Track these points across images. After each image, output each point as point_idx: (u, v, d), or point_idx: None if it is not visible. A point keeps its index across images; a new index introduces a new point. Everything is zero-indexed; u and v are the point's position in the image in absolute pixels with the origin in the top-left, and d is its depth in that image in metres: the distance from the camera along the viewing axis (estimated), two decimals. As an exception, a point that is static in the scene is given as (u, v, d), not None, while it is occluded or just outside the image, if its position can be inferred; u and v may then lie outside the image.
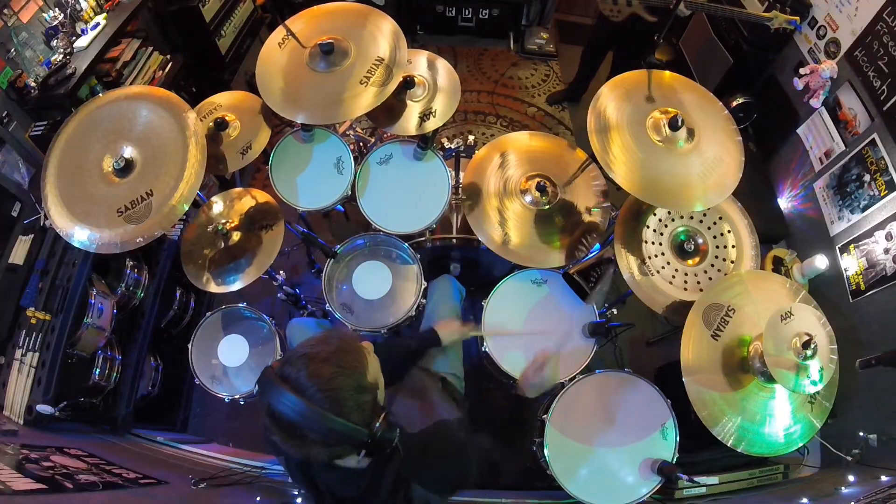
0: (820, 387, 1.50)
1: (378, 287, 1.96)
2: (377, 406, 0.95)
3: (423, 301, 1.96)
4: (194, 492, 1.69)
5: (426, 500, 1.09)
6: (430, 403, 1.44)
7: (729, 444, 1.50)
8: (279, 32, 1.92)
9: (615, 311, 1.96)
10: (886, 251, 2.09)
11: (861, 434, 1.86)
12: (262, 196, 2.01)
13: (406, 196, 2.04)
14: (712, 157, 1.68)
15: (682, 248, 1.78)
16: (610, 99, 1.72)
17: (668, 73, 1.82)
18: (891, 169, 2.13)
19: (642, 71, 1.79)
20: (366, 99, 1.78)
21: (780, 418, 1.56)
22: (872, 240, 2.17)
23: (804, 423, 1.57)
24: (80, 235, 1.63)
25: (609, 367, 1.89)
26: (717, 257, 1.81)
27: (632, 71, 1.79)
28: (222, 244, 1.91)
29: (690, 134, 1.69)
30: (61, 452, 1.63)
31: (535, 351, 1.49)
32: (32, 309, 1.84)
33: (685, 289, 1.76)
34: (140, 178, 1.68)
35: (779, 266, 2.57)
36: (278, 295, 2.23)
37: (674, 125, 1.65)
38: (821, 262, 2.36)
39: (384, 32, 1.89)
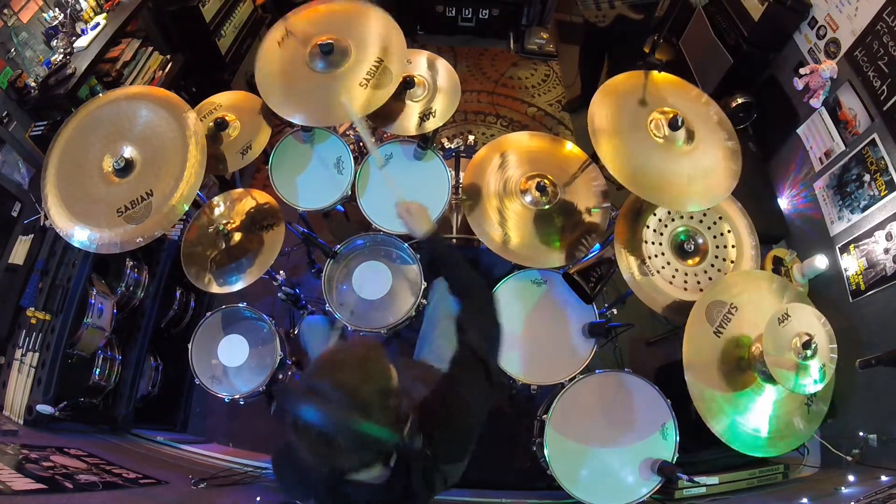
0: (820, 386, 1.50)
1: (378, 287, 1.96)
2: (402, 412, 0.94)
3: (424, 301, 1.95)
4: (194, 492, 1.69)
5: (444, 476, 1.09)
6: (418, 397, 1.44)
7: (728, 443, 1.50)
8: (278, 30, 1.91)
9: (615, 311, 1.96)
10: (886, 251, 2.09)
11: (861, 434, 1.86)
12: (263, 196, 2.02)
13: (406, 196, 2.03)
14: (709, 159, 1.68)
15: (682, 248, 1.78)
16: (608, 100, 1.72)
17: (665, 74, 1.82)
18: (891, 169, 2.13)
19: (639, 72, 1.79)
20: (366, 101, 1.78)
21: (780, 418, 1.56)
22: (872, 240, 2.17)
23: (805, 423, 1.58)
24: (80, 235, 1.63)
25: (609, 367, 1.89)
26: (717, 257, 1.81)
27: (629, 72, 1.79)
28: (223, 245, 1.91)
29: (690, 136, 1.69)
30: (61, 452, 1.63)
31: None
32: (32, 309, 1.84)
33: (685, 289, 1.76)
34: (140, 178, 1.68)
35: (779, 266, 2.57)
36: (278, 295, 2.23)
37: (673, 125, 1.65)
38: (821, 262, 2.36)
39: (382, 30, 1.89)
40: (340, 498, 1.03)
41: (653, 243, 1.79)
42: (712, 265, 1.80)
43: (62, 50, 2.39)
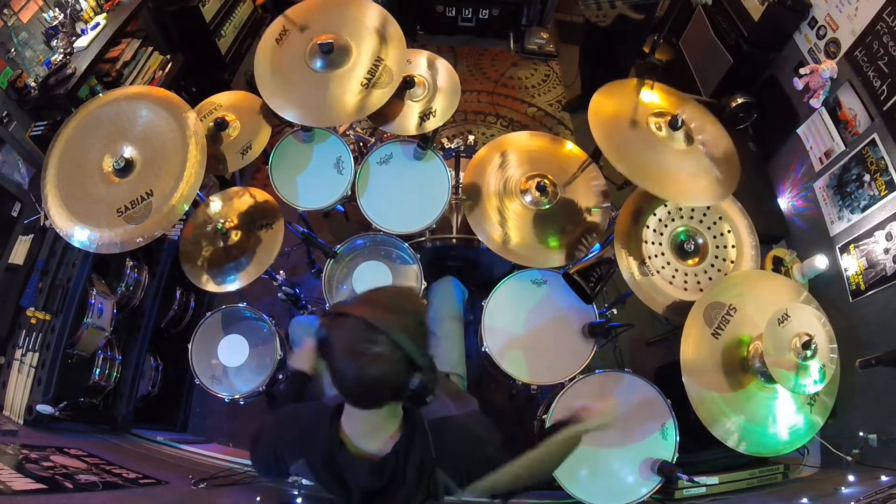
0: (820, 386, 1.50)
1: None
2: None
3: (424, 301, 1.95)
4: (194, 492, 1.68)
5: (446, 486, 1.09)
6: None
7: (729, 444, 1.50)
8: (277, 26, 1.90)
9: (615, 311, 1.96)
10: (886, 251, 2.09)
11: (861, 434, 1.86)
12: (262, 195, 2.01)
13: (406, 196, 2.04)
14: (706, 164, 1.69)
15: (682, 248, 1.78)
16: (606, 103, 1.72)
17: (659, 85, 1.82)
18: (891, 169, 2.13)
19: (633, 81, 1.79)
20: (369, 101, 1.78)
21: (780, 418, 1.56)
22: (872, 240, 2.17)
23: (805, 423, 1.57)
24: (80, 235, 1.63)
25: (609, 367, 1.89)
26: (717, 257, 1.80)
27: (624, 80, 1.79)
28: (221, 243, 1.91)
29: (689, 140, 1.69)
30: (61, 452, 1.63)
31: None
32: (32, 309, 1.83)
33: (685, 289, 1.76)
34: (140, 178, 1.68)
35: (779, 266, 2.57)
36: (278, 295, 2.23)
37: (674, 125, 1.65)
38: (821, 262, 2.36)
39: (381, 27, 1.89)
40: (333, 469, 1.05)
41: (653, 243, 1.79)
42: (712, 265, 1.80)
43: (62, 50, 2.39)
